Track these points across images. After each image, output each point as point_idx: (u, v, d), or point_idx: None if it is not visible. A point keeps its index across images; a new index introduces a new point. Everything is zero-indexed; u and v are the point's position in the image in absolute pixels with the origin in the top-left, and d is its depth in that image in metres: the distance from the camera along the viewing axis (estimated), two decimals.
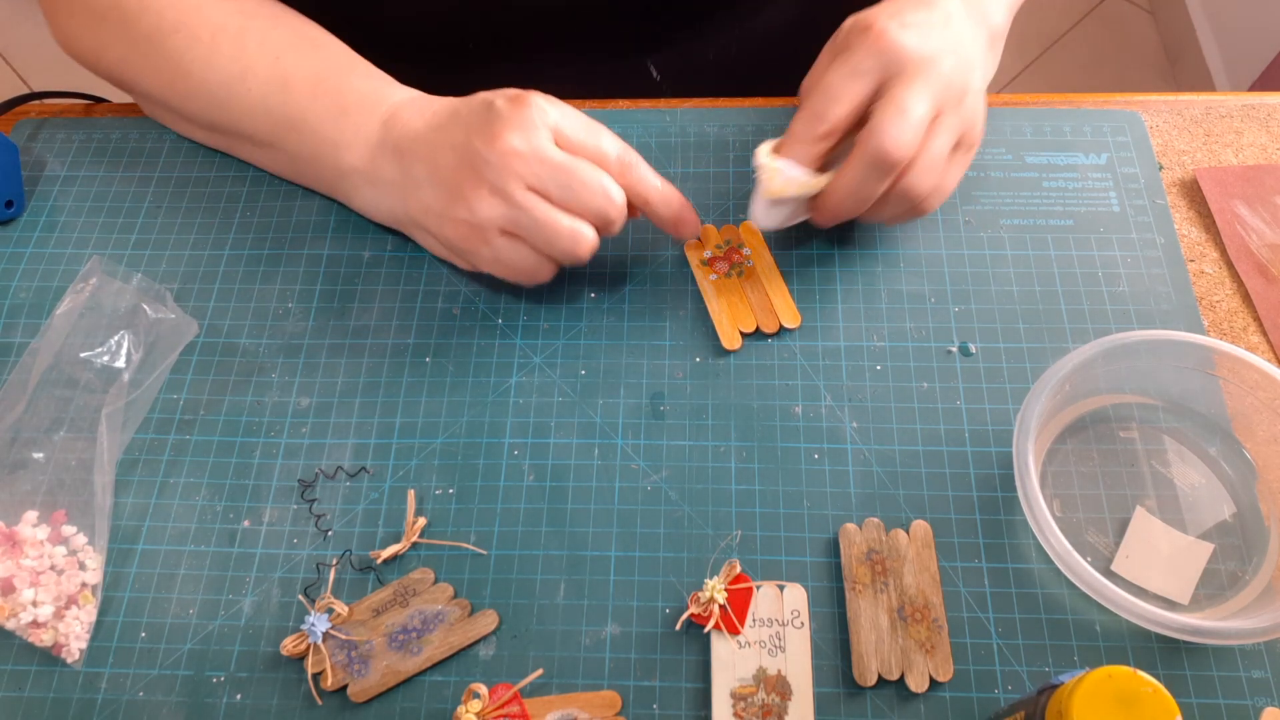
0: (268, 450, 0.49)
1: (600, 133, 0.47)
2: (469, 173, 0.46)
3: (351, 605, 0.44)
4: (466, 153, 0.46)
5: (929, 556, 0.45)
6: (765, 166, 0.47)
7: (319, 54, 0.53)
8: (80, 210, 0.57)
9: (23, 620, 0.44)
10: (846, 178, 0.47)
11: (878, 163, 0.45)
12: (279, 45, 0.52)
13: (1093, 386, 0.48)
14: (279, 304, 0.53)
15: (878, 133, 0.44)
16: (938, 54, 0.46)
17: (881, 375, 0.50)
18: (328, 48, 0.53)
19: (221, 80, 0.52)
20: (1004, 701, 0.42)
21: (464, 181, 0.46)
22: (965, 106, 0.47)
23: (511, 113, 0.45)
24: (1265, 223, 0.54)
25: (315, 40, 0.54)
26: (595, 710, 0.42)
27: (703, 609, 0.43)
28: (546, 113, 0.46)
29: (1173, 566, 0.44)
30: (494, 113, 0.46)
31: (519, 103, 0.46)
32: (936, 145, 0.46)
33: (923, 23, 0.47)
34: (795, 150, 0.47)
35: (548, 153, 0.45)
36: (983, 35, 0.50)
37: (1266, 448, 0.46)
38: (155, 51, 0.54)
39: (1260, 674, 0.42)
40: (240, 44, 0.52)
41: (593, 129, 0.47)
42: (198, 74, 0.53)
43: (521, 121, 0.45)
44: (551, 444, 0.49)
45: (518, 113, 0.45)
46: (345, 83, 0.51)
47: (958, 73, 0.46)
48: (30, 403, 0.49)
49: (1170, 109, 0.59)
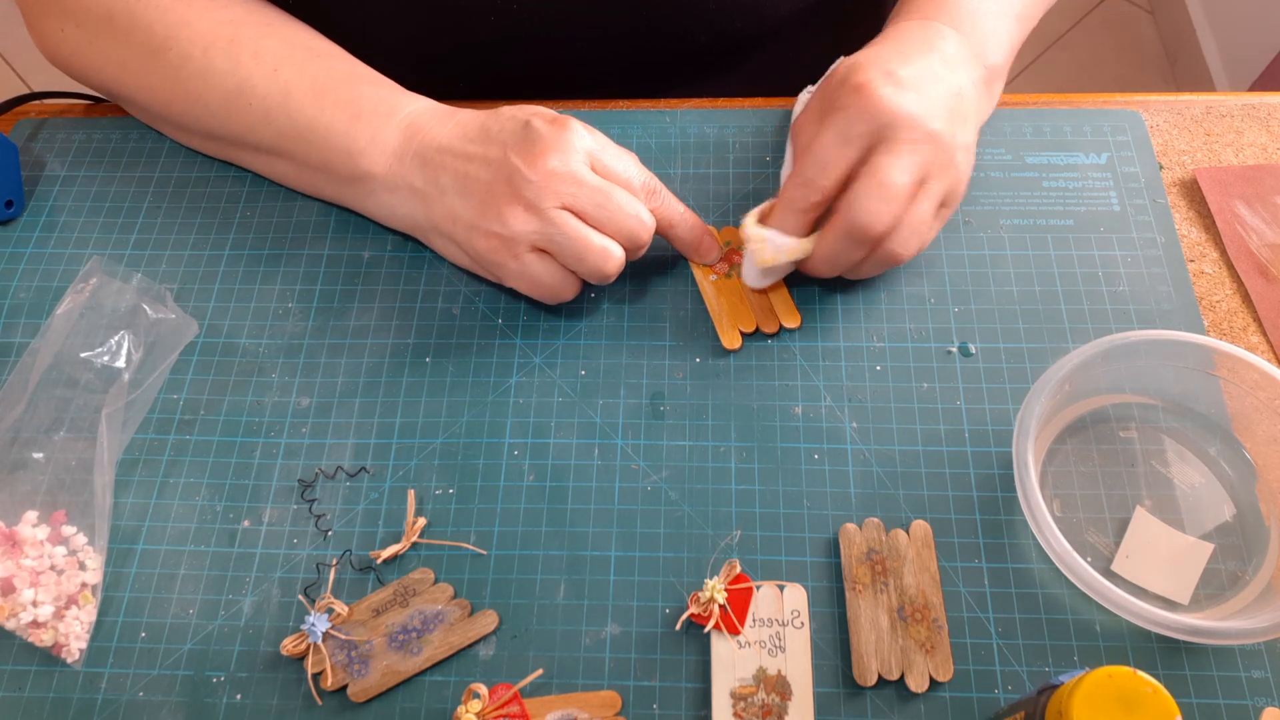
0: (268, 450, 0.49)
1: (629, 161, 0.49)
2: (505, 188, 0.46)
3: (351, 605, 0.44)
4: (504, 169, 0.46)
5: (929, 556, 0.45)
6: (754, 237, 0.48)
7: (318, 63, 0.52)
8: (80, 210, 0.57)
9: (23, 620, 0.44)
10: (825, 246, 0.48)
11: (855, 235, 0.46)
12: (275, 57, 0.52)
13: (1093, 386, 0.48)
14: (279, 304, 0.53)
15: (856, 207, 0.45)
16: (928, 116, 0.46)
17: (881, 375, 0.50)
18: (326, 56, 0.53)
19: (220, 97, 0.52)
20: (1004, 701, 0.42)
21: (499, 196, 0.46)
22: (954, 167, 0.47)
23: (552, 135, 0.47)
24: (1265, 223, 0.54)
25: (312, 48, 0.53)
26: (595, 710, 0.42)
27: (703, 609, 0.43)
28: (583, 137, 0.47)
29: (1173, 566, 0.44)
30: (534, 133, 0.47)
31: (559, 125, 0.47)
32: (919, 211, 0.46)
33: (917, 78, 0.47)
34: (786, 220, 0.48)
35: (585, 175, 0.47)
36: (978, 77, 0.50)
37: (1266, 448, 0.46)
38: (149, 69, 0.53)
39: (1260, 674, 0.42)
40: (234, 58, 0.52)
41: (623, 157, 0.49)
42: (195, 91, 0.53)
43: (561, 144, 0.46)
44: (551, 444, 0.49)
45: (558, 135, 0.47)
46: (353, 90, 0.51)
47: (949, 133, 0.46)
48: (30, 403, 0.49)
49: (1170, 109, 0.59)
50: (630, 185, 0.48)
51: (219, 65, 0.52)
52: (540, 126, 0.47)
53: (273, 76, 0.51)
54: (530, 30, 0.59)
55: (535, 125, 0.47)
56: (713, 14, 0.60)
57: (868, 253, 0.47)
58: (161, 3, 0.53)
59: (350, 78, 0.52)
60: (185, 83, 0.53)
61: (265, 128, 0.52)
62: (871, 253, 0.47)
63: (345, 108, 0.51)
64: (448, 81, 0.60)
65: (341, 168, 0.51)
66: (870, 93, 0.45)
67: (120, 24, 0.53)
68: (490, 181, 0.47)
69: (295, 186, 0.56)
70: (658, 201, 0.50)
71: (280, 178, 0.56)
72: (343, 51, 0.54)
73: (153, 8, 0.53)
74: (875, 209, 0.45)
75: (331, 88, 0.51)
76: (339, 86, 0.51)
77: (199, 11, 0.53)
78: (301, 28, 0.55)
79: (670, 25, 0.61)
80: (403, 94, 0.52)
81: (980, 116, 0.51)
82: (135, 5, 0.53)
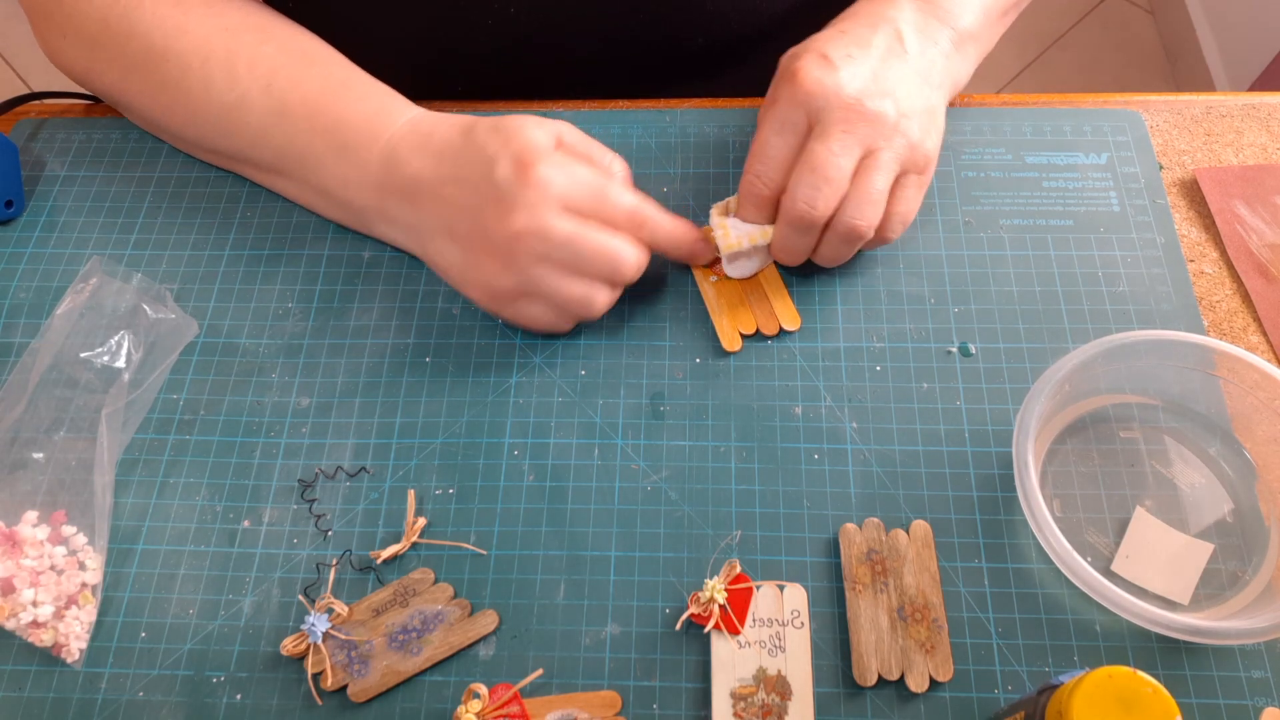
0: (268, 450, 0.49)
1: (606, 192, 0.47)
2: (483, 242, 0.46)
3: (351, 605, 0.44)
4: (479, 223, 0.46)
5: (929, 556, 0.45)
6: (715, 224, 0.50)
7: (311, 72, 0.51)
8: (80, 210, 0.57)
9: (23, 620, 0.44)
10: (779, 236, 0.49)
11: (797, 224, 0.47)
12: (269, 69, 0.51)
13: (1093, 386, 0.48)
14: (279, 304, 0.53)
15: (792, 196, 0.46)
16: (863, 91, 0.46)
17: (881, 376, 0.50)
18: (319, 62, 0.52)
19: (218, 111, 0.52)
20: (1004, 701, 0.42)
21: (479, 249, 0.47)
22: (903, 134, 0.47)
23: (517, 191, 0.45)
24: (1265, 223, 0.54)
25: (307, 54, 0.52)
26: (595, 710, 0.42)
27: (703, 609, 0.43)
28: (552, 184, 0.45)
29: (1173, 566, 0.44)
30: (499, 190, 0.45)
31: (524, 179, 0.45)
32: (869, 182, 0.47)
33: (852, 57, 0.47)
34: (746, 212, 0.50)
35: (554, 230, 0.45)
36: (943, 40, 0.51)
37: (1266, 448, 0.46)
38: (148, 79, 0.53)
39: (1260, 674, 0.42)
40: (231, 71, 0.51)
41: (598, 191, 0.47)
42: (195, 103, 0.52)
43: (527, 200, 0.45)
44: (551, 444, 0.49)
45: (523, 192, 0.45)
46: (340, 111, 0.50)
47: (888, 105, 0.47)
48: (30, 403, 0.49)
49: (1170, 109, 0.59)
50: (612, 219, 0.47)
51: (217, 79, 0.51)
52: (505, 178, 0.45)
53: (267, 92, 0.51)
54: (527, 33, 0.59)
55: (499, 177, 0.45)
56: (709, 16, 0.60)
57: (817, 237, 0.48)
58: (158, 10, 0.52)
59: (341, 91, 0.51)
60: (185, 95, 0.52)
61: (264, 147, 0.52)
62: (828, 231, 0.48)
63: (332, 135, 0.50)
64: (445, 83, 0.60)
65: (338, 195, 0.51)
66: (800, 79, 0.46)
67: (118, 32, 0.53)
68: (470, 233, 0.47)
69: (308, 208, 0.55)
70: (646, 231, 0.48)
71: (292, 197, 0.55)
72: (336, 55, 0.53)
73: (150, 15, 0.52)
74: (809, 195, 0.46)
75: (321, 107, 0.50)
76: (329, 106, 0.50)
77: (196, 19, 0.52)
78: (298, 31, 0.54)
79: (667, 28, 0.61)
80: (386, 112, 0.50)
81: (951, 81, 0.51)
82: (133, 13, 0.52)
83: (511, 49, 0.60)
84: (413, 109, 0.51)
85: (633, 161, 0.57)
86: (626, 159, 0.57)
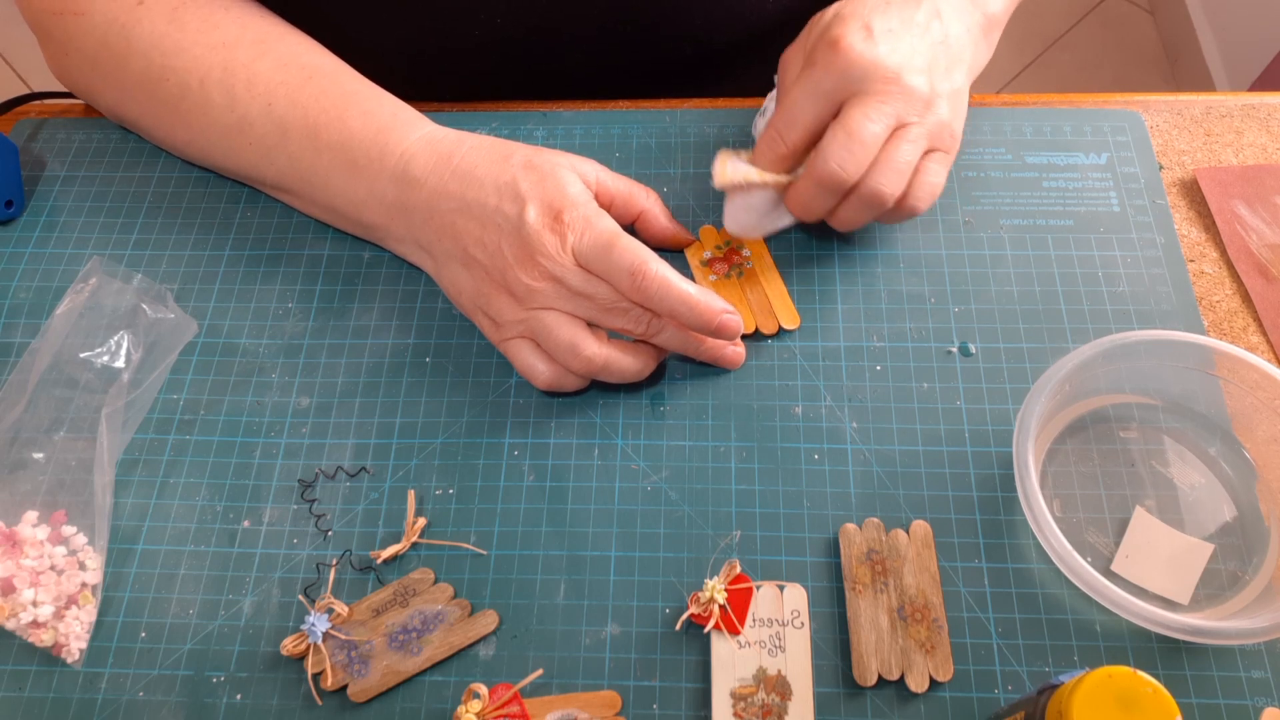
0: (268, 450, 0.49)
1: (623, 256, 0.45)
2: (499, 277, 0.47)
3: (351, 605, 0.44)
4: (498, 260, 0.46)
5: (929, 556, 0.45)
6: (718, 160, 0.50)
7: (311, 87, 0.51)
8: (80, 210, 0.57)
9: (23, 620, 0.44)
10: (800, 191, 0.48)
11: (824, 184, 0.47)
12: (268, 86, 0.51)
13: (1093, 386, 0.48)
14: (279, 304, 0.53)
15: (823, 155, 0.46)
16: (903, 66, 0.46)
17: (881, 375, 0.50)
18: (320, 75, 0.52)
19: (220, 132, 0.52)
20: (1004, 701, 0.42)
21: (494, 283, 0.47)
22: (935, 113, 0.47)
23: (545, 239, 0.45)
24: (1265, 223, 0.54)
25: (305, 67, 0.52)
26: (595, 710, 0.42)
27: (703, 609, 0.43)
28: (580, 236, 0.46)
29: (1173, 566, 0.44)
30: (524, 233, 0.45)
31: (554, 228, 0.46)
32: (898, 151, 0.47)
33: (894, 30, 0.47)
34: (759, 162, 0.49)
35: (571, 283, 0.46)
36: (974, 24, 0.51)
37: (1266, 448, 0.46)
38: (149, 100, 0.53)
39: (1260, 674, 0.42)
40: (230, 91, 0.51)
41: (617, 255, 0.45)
42: (196, 124, 0.52)
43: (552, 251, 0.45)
44: (551, 444, 0.49)
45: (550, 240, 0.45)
46: (345, 131, 0.50)
47: (925, 83, 0.47)
48: (30, 403, 0.49)
49: (1170, 109, 0.59)
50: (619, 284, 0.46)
51: (216, 99, 0.51)
52: (533, 222, 0.45)
53: (268, 111, 0.50)
54: (514, 37, 0.59)
55: (529, 219, 0.45)
56: (697, 21, 0.60)
57: (839, 200, 0.48)
58: (155, 28, 0.52)
59: (345, 105, 0.50)
60: (186, 115, 0.52)
61: (268, 166, 0.52)
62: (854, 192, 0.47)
63: (340, 153, 0.50)
64: (438, 85, 0.60)
65: (349, 214, 0.51)
66: (843, 48, 0.46)
67: (117, 52, 0.52)
68: (486, 266, 0.47)
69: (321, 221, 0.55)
70: (655, 308, 0.46)
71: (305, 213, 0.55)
72: (336, 63, 0.53)
73: (147, 34, 0.52)
74: (841, 157, 0.46)
75: (324, 125, 0.50)
76: (332, 123, 0.50)
77: (193, 36, 0.52)
78: (297, 41, 0.53)
79: (657, 31, 0.61)
80: (395, 127, 0.50)
81: (975, 64, 0.51)
82: (130, 32, 0.52)
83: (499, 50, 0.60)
84: (425, 124, 0.51)
85: (633, 161, 0.57)
86: (626, 159, 0.58)
